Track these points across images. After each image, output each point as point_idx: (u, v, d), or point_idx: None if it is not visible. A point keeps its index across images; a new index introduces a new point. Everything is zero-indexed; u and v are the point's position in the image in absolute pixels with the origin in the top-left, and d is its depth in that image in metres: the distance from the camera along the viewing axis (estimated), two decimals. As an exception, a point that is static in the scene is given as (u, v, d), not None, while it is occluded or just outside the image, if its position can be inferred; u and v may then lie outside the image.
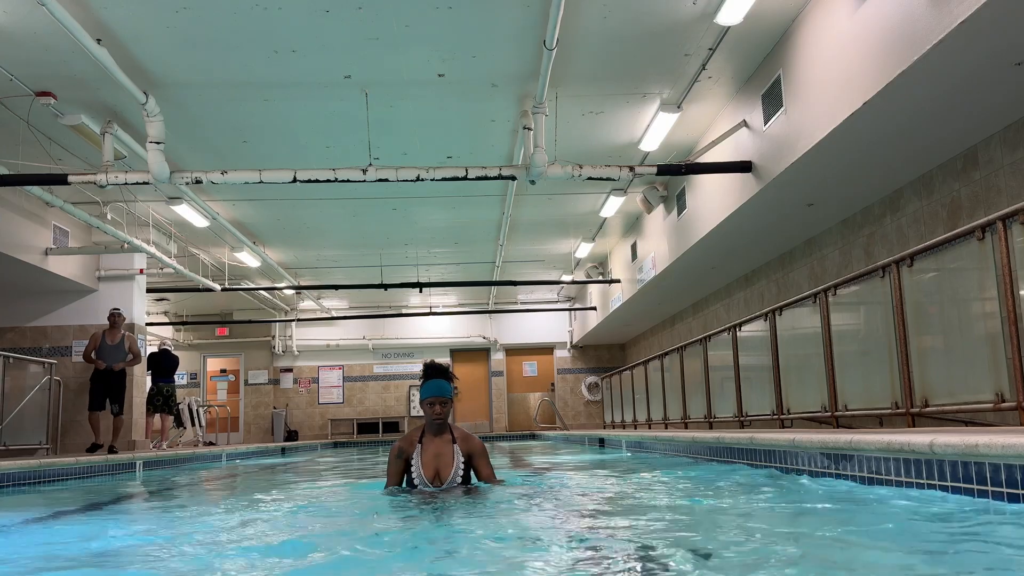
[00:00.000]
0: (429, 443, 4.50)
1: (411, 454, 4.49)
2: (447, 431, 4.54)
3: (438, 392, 4.45)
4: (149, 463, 9.81)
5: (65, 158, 9.47)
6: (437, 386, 4.47)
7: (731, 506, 3.95)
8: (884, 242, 8.43)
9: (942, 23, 5.11)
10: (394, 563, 2.68)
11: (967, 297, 5.11)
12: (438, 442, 4.51)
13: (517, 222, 13.82)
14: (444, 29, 7.19)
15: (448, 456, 4.46)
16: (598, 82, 8.43)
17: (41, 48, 7.23)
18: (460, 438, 4.55)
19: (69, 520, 4.52)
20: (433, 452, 4.47)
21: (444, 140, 9.89)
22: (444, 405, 4.45)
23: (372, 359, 23.10)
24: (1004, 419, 5.22)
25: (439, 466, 4.44)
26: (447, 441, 4.51)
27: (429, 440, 4.50)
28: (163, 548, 3.22)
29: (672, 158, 10.41)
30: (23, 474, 7.21)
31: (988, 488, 3.16)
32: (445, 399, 4.45)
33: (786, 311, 7.62)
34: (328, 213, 12.94)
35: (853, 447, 4.22)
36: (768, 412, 7.94)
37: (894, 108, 6.22)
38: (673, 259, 11.78)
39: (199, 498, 6.23)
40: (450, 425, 4.57)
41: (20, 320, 12.94)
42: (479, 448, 4.58)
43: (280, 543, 3.23)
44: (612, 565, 2.52)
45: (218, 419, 20.31)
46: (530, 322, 22.64)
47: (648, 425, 13.24)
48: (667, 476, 5.95)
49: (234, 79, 8.03)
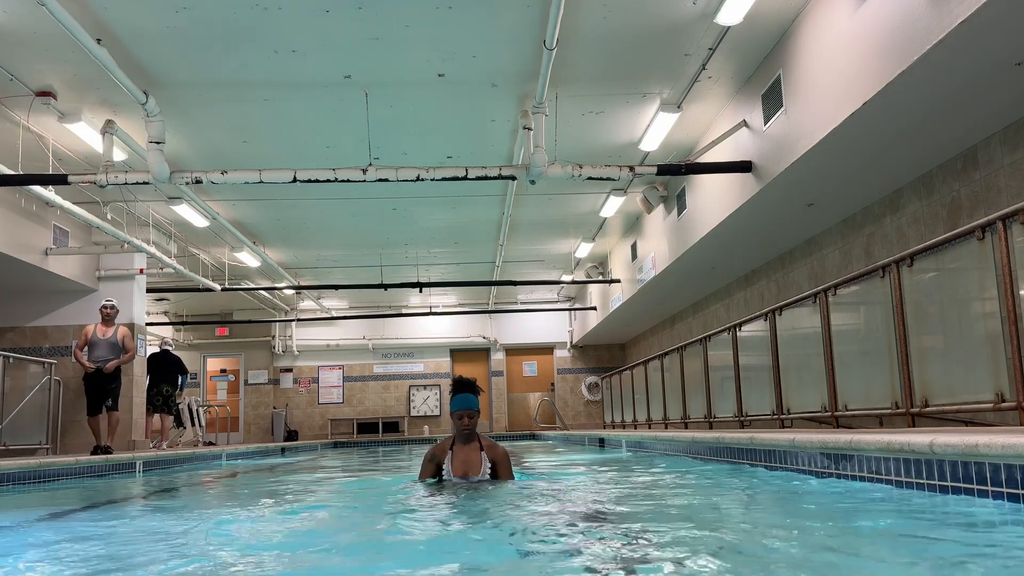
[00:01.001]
0: (459, 451, 4.99)
1: (443, 460, 5.00)
2: (475, 439, 5.01)
3: (466, 405, 4.93)
4: (149, 463, 9.81)
5: (65, 158, 9.48)
6: (465, 400, 4.94)
7: (731, 505, 3.95)
8: (884, 242, 8.43)
9: (942, 23, 5.11)
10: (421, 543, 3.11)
11: (967, 297, 5.11)
12: (467, 449, 4.98)
13: (517, 222, 13.82)
14: (444, 29, 7.19)
15: (476, 462, 4.94)
16: (598, 82, 8.44)
17: (41, 48, 7.23)
18: (487, 446, 5.03)
19: (69, 520, 4.52)
20: (462, 458, 4.96)
21: (444, 140, 9.89)
22: (472, 417, 4.93)
23: (372, 359, 23.10)
24: (1004, 419, 5.22)
25: (467, 469, 4.91)
26: (475, 449, 4.98)
27: (459, 448, 4.99)
28: (167, 547, 3.22)
29: (672, 158, 10.42)
30: (23, 474, 7.21)
31: (988, 488, 3.16)
32: (473, 412, 4.94)
33: (786, 311, 7.62)
34: (328, 213, 12.94)
35: (853, 447, 4.22)
36: (768, 412, 7.94)
37: (894, 108, 6.22)
38: (673, 259, 11.78)
39: (205, 496, 6.23)
40: (478, 434, 5.05)
41: (20, 320, 12.95)
42: (503, 456, 5.04)
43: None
44: (612, 553, 2.52)
45: (218, 419, 20.31)
46: (530, 322, 22.64)
47: (648, 425, 13.24)
48: (666, 475, 5.95)
49: (234, 79, 8.03)
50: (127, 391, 12.70)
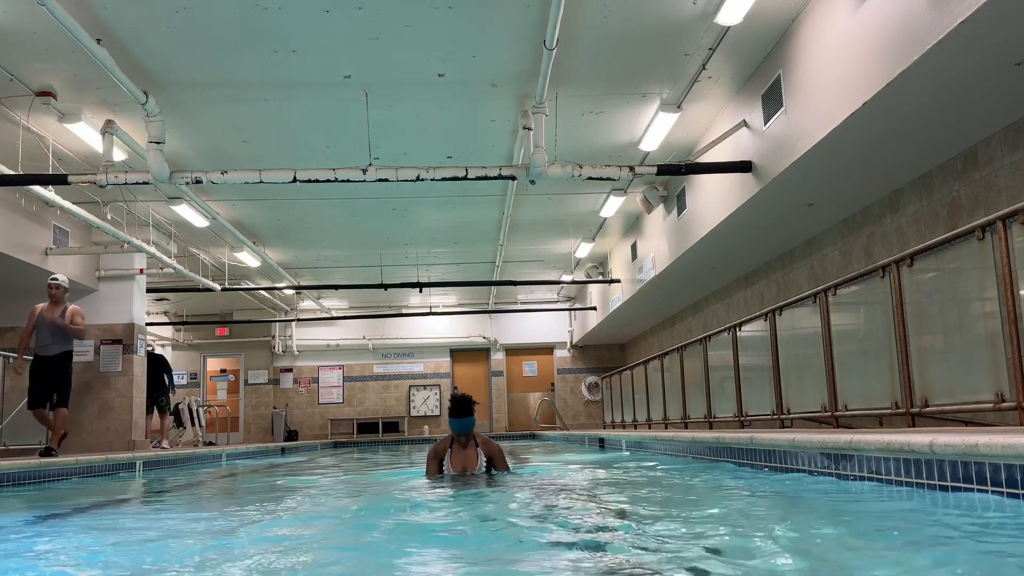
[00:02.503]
0: (458, 451, 5.83)
1: (444, 456, 5.81)
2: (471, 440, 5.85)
3: (462, 429, 5.75)
4: (149, 463, 9.81)
5: (65, 158, 9.47)
6: (462, 424, 5.72)
7: (733, 503, 3.95)
8: (884, 242, 8.43)
9: (942, 23, 5.11)
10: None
11: (967, 297, 5.11)
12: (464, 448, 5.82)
13: (517, 222, 13.82)
14: (444, 29, 7.19)
15: (473, 458, 5.77)
16: (598, 82, 8.43)
17: (41, 48, 7.23)
18: (482, 443, 5.86)
19: (69, 520, 4.52)
20: (461, 457, 5.79)
21: (444, 140, 9.89)
22: (468, 437, 5.80)
23: (372, 359, 23.09)
24: (1004, 419, 5.22)
25: (466, 465, 5.75)
26: (472, 448, 5.82)
27: (458, 449, 5.83)
28: (168, 547, 3.22)
29: (672, 158, 10.41)
30: (23, 474, 7.21)
31: (988, 488, 3.16)
32: (469, 433, 5.79)
33: (786, 311, 7.62)
34: (328, 213, 12.94)
35: (853, 447, 4.22)
36: (768, 412, 7.94)
37: (894, 108, 6.22)
38: (673, 259, 11.78)
39: (217, 494, 6.23)
40: (474, 433, 5.85)
41: (20, 320, 12.87)
42: (497, 450, 5.91)
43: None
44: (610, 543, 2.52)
45: (218, 419, 20.30)
46: (530, 322, 22.63)
47: (648, 425, 13.24)
48: (667, 473, 5.95)
49: (234, 79, 8.03)
50: (127, 391, 12.71)
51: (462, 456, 5.76)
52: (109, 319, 12.89)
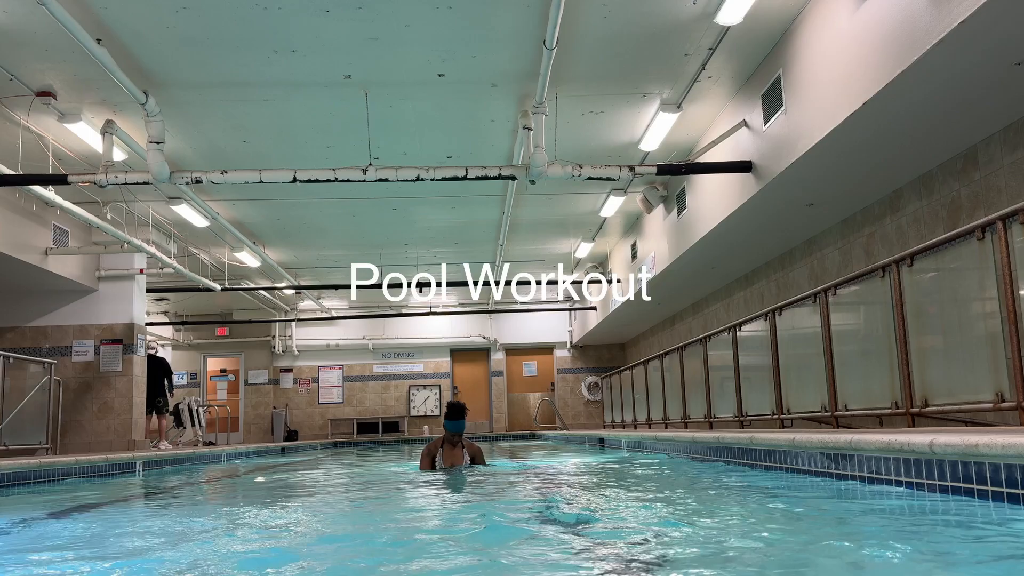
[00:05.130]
0: (448, 449, 7.29)
1: (436, 453, 7.26)
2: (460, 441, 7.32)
3: (456, 430, 7.23)
4: (149, 463, 9.81)
5: (65, 158, 9.47)
6: (455, 425, 7.18)
7: (727, 504, 3.95)
8: (884, 242, 8.43)
9: (942, 23, 5.11)
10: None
11: (967, 297, 5.11)
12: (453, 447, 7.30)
13: (517, 222, 13.82)
14: (444, 29, 7.19)
15: (459, 455, 7.28)
16: (598, 82, 8.43)
17: (41, 48, 7.23)
18: (467, 444, 7.38)
19: (69, 520, 4.52)
20: (450, 454, 7.26)
21: (444, 140, 9.89)
22: (460, 436, 7.29)
23: (372, 359, 23.09)
24: (1004, 419, 5.22)
25: (454, 461, 7.23)
26: (459, 447, 7.31)
27: (448, 447, 7.29)
28: (168, 547, 3.22)
29: (672, 158, 10.42)
30: (23, 474, 7.21)
31: (988, 488, 3.16)
32: (461, 434, 7.29)
33: (786, 311, 7.62)
34: (328, 213, 12.94)
35: (853, 447, 4.22)
36: (768, 412, 7.93)
37: (894, 108, 6.22)
38: (673, 259, 11.78)
39: (220, 493, 6.22)
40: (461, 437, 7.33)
41: (20, 320, 12.94)
42: (477, 450, 7.48)
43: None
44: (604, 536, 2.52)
45: (218, 419, 20.30)
46: (530, 322, 22.63)
47: (648, 425, 13.24)
48: (666, 472, 5.95)
49: (234, 79, 8.03)
50: (127, 391, 12.72)
51: (451, 454, 7.24)
52: (109, 319, 12.91)
